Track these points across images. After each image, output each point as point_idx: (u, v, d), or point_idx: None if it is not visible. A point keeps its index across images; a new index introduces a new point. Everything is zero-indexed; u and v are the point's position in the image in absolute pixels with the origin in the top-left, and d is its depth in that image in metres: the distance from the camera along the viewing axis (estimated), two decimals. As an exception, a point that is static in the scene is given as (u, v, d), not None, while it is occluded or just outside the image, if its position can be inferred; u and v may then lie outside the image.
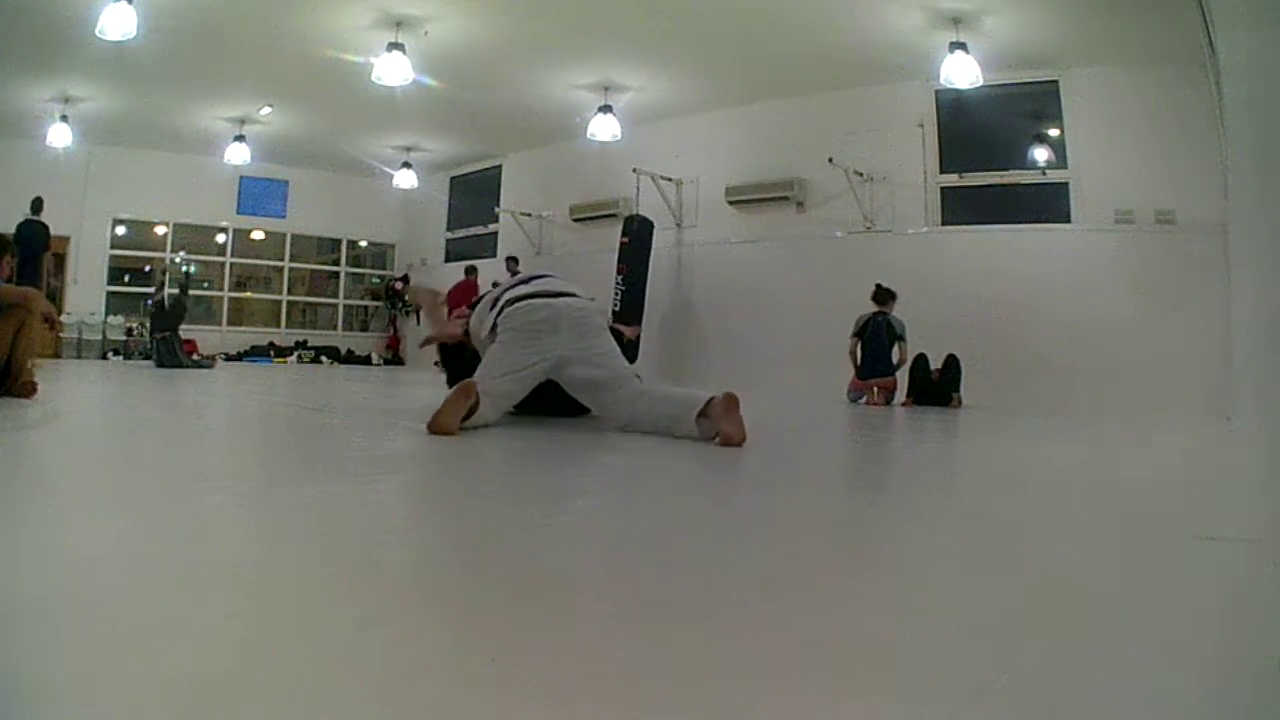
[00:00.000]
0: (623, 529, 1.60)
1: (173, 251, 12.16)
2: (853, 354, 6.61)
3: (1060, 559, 1.41)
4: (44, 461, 2.23)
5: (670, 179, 9.25)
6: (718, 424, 2.80)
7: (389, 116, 9.54)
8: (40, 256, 8.06)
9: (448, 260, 12.61)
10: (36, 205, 8.60)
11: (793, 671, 0.81)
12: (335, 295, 13.58)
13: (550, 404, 3.53)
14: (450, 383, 3.64)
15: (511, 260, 10.26)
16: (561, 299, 3.35)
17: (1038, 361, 6.57)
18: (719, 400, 2.82)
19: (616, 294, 8.60)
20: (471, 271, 10.79)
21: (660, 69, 7.97)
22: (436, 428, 2.78)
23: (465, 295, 10.46)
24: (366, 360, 12.62)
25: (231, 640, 0.84)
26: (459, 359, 3.66)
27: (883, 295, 6.61)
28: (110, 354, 10.89)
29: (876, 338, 6.48)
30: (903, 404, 6.30)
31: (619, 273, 8.70)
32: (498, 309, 3.33)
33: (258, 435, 3.25)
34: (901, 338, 6.47)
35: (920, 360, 6.30)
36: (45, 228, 8.41)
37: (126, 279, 11.88)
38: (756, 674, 0.80)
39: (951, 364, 6.19)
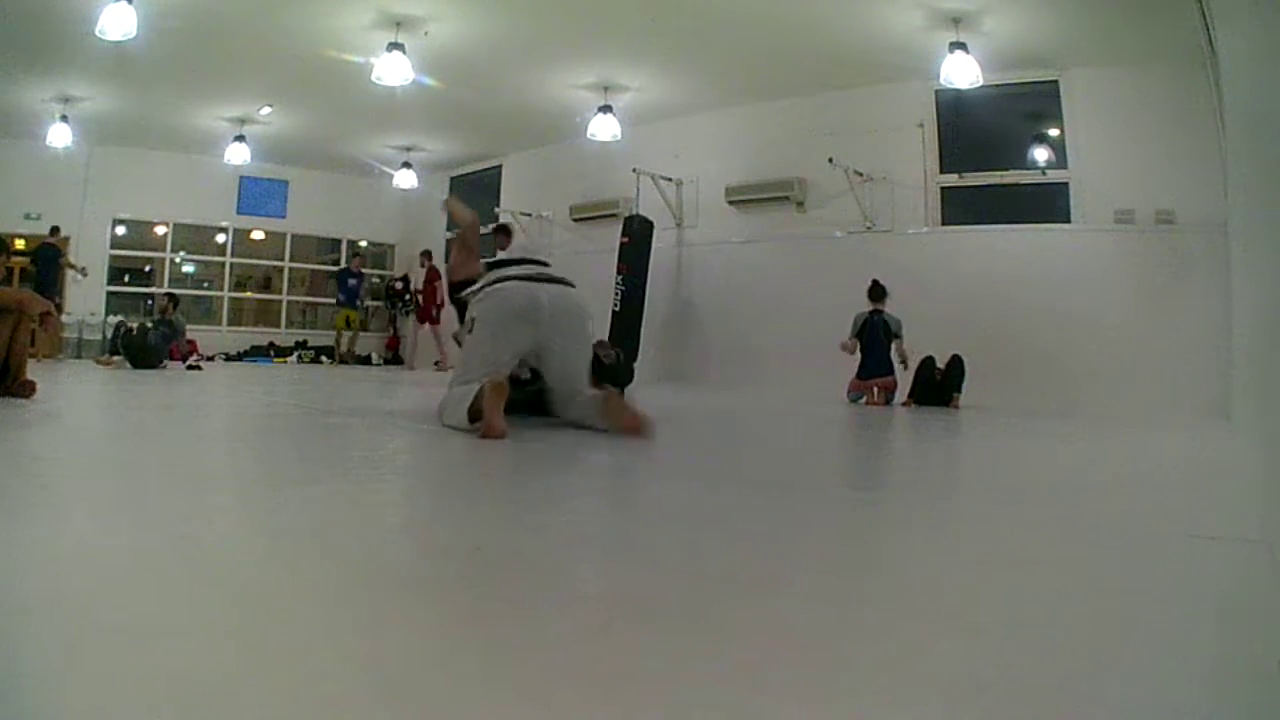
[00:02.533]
0: (620, 530, 1.60)
1: (173, 251, 12.16)
2: (849, 349, 6.54)
3: (1060, 559, 1.41)
4: (43, 461, 2.23)
5: (670, 179, 9.25)
6: (613, 421, 3.00)
7: (389, 116, 9.52)
8: (54, 271, 9.73)
9: (448, 260, 12.60)
10: (54, 231, 10.04)
11: (792, 671, 0.81)
12: (335, 295, 13.57)
13: (540, 404, 3.53)
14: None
15: (502, 230, 9.90)
16: (545, 286, 3.25)
17: (1038, 361, 6.57)
18: (602, 400, 3.07)
19: (616, 294, 8.59)
20: (428, 256, 11.43)
21: (660, 69, 7.96)
22: (491, 432, 2.75)
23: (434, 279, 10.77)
24: (366, 360, 12.60)
25: (231, 640, 0.84)
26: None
27: (878, 292, 6.59)
28: (112, 354, 10.87)
29: (875, 338, 6.47)
30: (903, 404, 6.29)
31: (619, 272, 8.69)
32: (480, 289, 3.30)
33: (257, 435, 3.25)
34: (898, 335, 6.46)
35: (928, 362, 6.28)
36: (58, 250, 9.88)
37: (126, 279, 11.88)
38: (755, 674, 0.79)
39: (956, 364, 6.19)
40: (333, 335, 12.08)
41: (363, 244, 13.79)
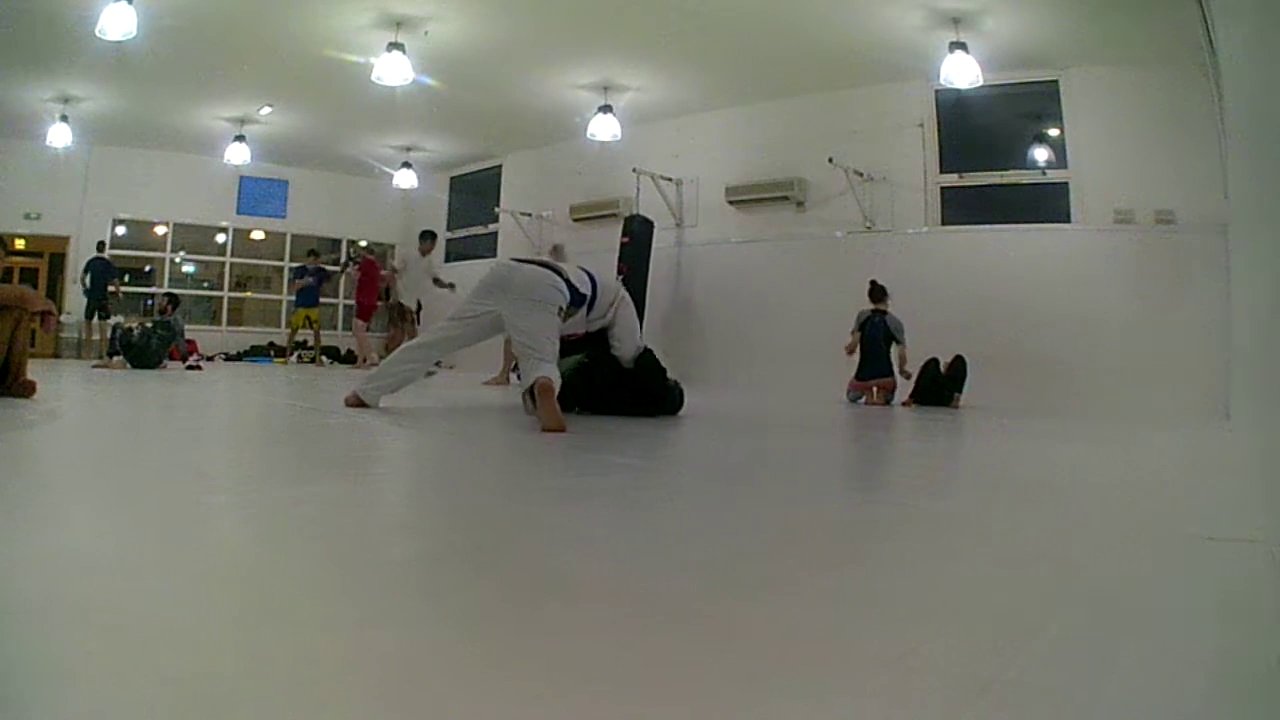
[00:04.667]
0: (622, 529, 1.60)
1: (173, 251, 12.17)
2: (850, 348, 6.54)
3: (1060, 559, 1.41)
4: (44, 461, 2.23)
5: (670, 179, 9.25)
6: (539, 417, 3.26)
7: (389, 116, 9.52)
8: (106, 281, 10.43)
9: (448, 260, 12.59)
10: (100, 247, 10.66)
11: (792, 671, 0.81)
12: (335, 295, 13.58)
13: (619, 401, 3.93)
14: None
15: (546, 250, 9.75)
16: (525, 265, 3.82)
17: (1037, 362, 6.57)
18: (535, 389, 3.32)
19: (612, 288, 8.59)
20: (370, 252, 11.34)
21: (660, 69, 7.96)
22: (553, 426, 3.12)
23: (371, 274, 10.75)
24: (348, 359, 12.61)
25: (231, 640, 0.84)
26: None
27: (878, 292, 6.59)
28: (112, 355, 10.86)
29: (875, 339, 6.47)
30: (903, 404, 6.29)
31: (620, 273, 8.68)
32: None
33: (257, 435, 3.25)
34: (898, 340, 6.42)
35: (931, 364, 6.27)
36: (108, 262, 10.57)
37: (127, 279, 11.87)
38: (756, 673, 0.79)
39: (959, 365, 6.18)
40: (334, 335, 12.05)
41: (363, 244, 13.77)
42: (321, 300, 13.49)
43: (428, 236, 9.40)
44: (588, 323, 4.01)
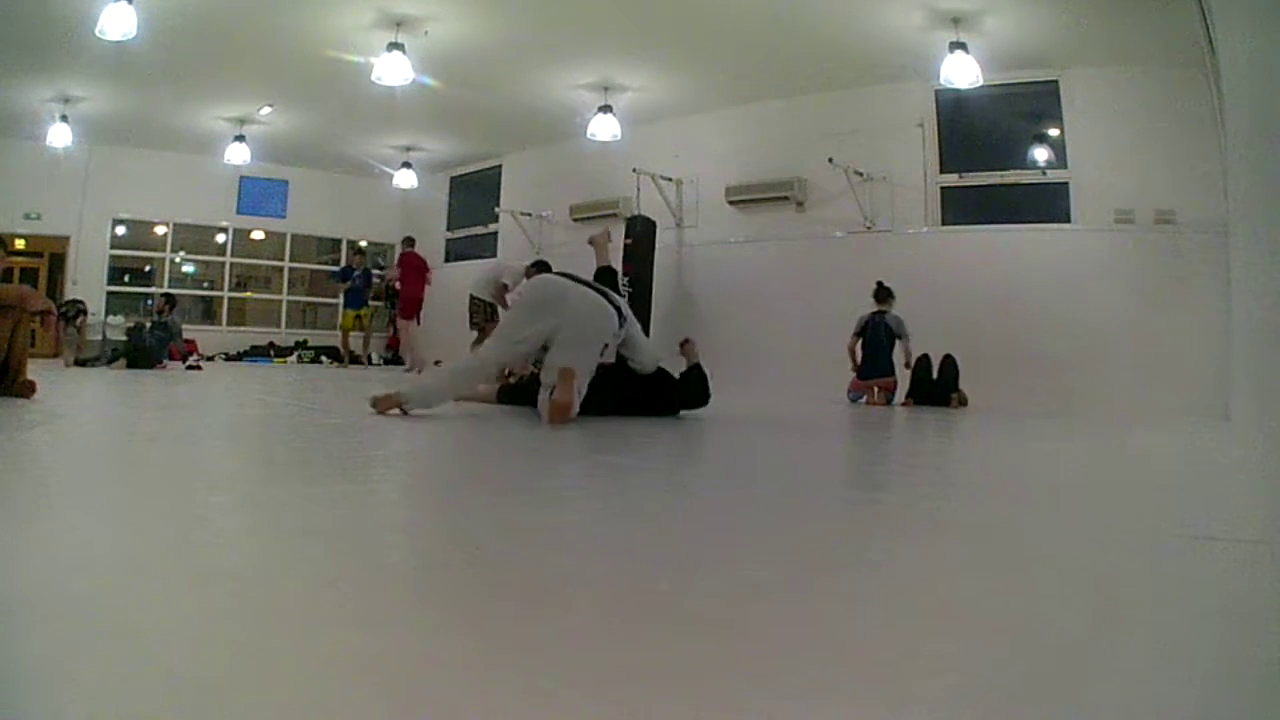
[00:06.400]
0: (622, 529, 1.60)
1: (173, 251, 12.17)
2: (852, 351, 6.60)
3: (1060, 559, 1.41)
4: (43, 461, 2.23)
5: (670, 179, 9.24)
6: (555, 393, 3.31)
7: (389, 116, 9.52)
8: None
9: (448, 260, 12.60)
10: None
11: (793, 671, 0.81)
12: (335, 295, 13.56)
13: (633, 404, 3.94)
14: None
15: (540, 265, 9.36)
16: (579, 287, 3.70)
17: (1038, 361, 6.56)
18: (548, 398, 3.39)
19: (624, 295, 8.58)
20: (410, 244, 10.88)
21: (660, 69, 7.96)
22: (562, 416, 3.19)
23: (415, 266, 10.39)
24: (367, 360, 12.60)
25: (231, 640, 0.84)
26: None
27: (883, 293, 6.61)
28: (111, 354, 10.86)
29: (877, 338, 6.48)
30: (902, 404, 6.30)
31: (625, 273, 8.68)
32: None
33: (257, 435, 3.25)
34: (901, 336, 6.46)
35: (923, 361, 6.30)
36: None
37: (126, 279, 11.87)
38: (757, 674, 0.80)
39: (948, 364, 6.19)
40: (334, 335, 12.02)
41: (363, 244, 13.77)
42: (320, 301, 13.49)
43: (542, 267, 9.00)
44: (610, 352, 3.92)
